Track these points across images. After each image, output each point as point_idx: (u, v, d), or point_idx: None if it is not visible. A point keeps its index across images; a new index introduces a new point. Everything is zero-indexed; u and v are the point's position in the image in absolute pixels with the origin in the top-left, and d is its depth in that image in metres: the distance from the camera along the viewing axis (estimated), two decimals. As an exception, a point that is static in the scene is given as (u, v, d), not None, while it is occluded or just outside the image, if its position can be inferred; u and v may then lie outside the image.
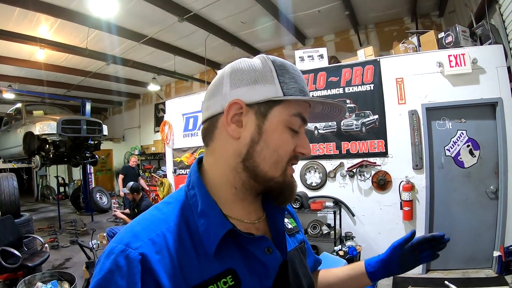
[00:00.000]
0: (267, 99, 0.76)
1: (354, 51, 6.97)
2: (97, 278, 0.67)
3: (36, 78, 10.77)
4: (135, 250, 0.68)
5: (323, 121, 0.92)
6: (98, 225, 8.98)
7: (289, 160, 0.81)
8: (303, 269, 0.93)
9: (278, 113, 0.78)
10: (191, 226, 0.76)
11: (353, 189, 5.14)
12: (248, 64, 0.80)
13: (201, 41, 8.68)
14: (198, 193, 0.80)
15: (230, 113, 0.77)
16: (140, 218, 0.79)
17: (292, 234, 1.00)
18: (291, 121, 0.79)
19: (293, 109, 0.79)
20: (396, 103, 4.86)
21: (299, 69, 0.85)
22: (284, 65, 0.81)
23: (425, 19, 8.09)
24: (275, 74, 0.78)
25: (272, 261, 0.79)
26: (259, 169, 0.78)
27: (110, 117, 17.35)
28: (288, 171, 0.82)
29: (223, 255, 0.74)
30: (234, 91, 0.78)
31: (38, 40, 7.60)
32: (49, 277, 3.99)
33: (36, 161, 8.49)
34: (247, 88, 0.77)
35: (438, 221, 4.71)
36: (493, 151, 4.47)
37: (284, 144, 0.79)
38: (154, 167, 12.85)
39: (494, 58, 4.39)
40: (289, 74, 0.80)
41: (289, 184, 0.82)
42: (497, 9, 4.30)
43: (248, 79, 0.78)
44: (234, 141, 0.79)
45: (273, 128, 0.78)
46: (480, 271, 4.46)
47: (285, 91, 0.77)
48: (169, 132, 6.94)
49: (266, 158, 0.77)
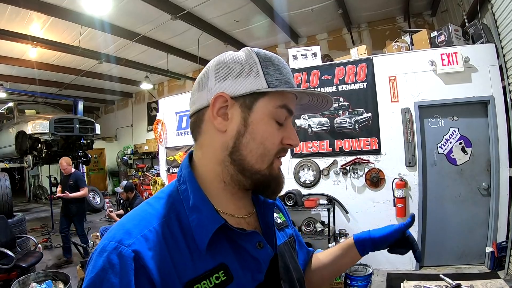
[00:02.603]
0: (252, 91, 0.77)
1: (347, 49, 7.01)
2: (90, 276, 0.67)
3: (28, 76, 10.67)
4: (128, 248, 0.67)
5: (310, 113, 0.92)
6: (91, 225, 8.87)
7: (276, 153, 0.80)
8: (293, 263, 0.94)
9: (263, 105, 0.78)
10: (183, 222, 0.75)
11: (347, 186, 5.17)
12: (233, 57, 0.81)
13: (194, 39, 8.67)
14: (190, 187, 0.79)
15: (215, 106, 0.78)
16: (131, 214, 0.79)
17: (281, 229, 1.00)
18: (277, 113, 0.79)
19: (278, 101, 0.79)
20: (389, 101, 4.90)
21: (284, 61, 0.84)
22: (269, 57, 0.81)
23: (417, 18, 8.15)
24: (259, 66, 0.78)
25: (263, 255, 0.80)
26: (245, 162, 0.78)
27: (102, 116, 17.23)
28: (275, 164, 0.81)
29: (215, 250, 0.74)
30: (219, 84, 0.79)
31: (30, 38, 7.51)
32: (43, 277, 3.95)
33: (29, 160, 8.42)
34: (232, 81, 0.78)
35: (431, 218, 4.75)
36: (485, 149, 4.53)
37: (270, 136, 0.79)
38: (147, 166, 12.80)
39: (486, 57, 4.45)
40: (274, 66, 0.80)
41: (276, 177, 0.82)
42: (489, 8, 4.34)
43: (233, 72, 0.78)
44: (221, 134, 0.79)
45: (259, 120, 0.78)
46: (473, 267, 4.51)
47: (269, 83, 0.77)
48: (162, 131, 6.91)
49: (253, 150, 0.77)
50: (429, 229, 4.75)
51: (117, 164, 15.48)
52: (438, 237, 4.72)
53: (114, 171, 15.64)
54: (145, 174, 11.49)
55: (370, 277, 3.99)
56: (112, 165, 15.66)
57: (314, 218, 5.08)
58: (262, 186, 0.82)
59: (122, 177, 14.93)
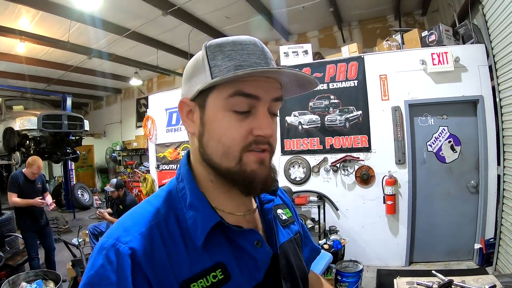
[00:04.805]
0: (198, 90, 0.75)
1: (338, 47, 7.03)
2: (89, 273, 0.67)
3: (16, 72, 10.47)
4: (125, 245, 0.68)
5: (300, 92, 0.83)
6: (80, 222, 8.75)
7: (244, 147, 0.73)
8: (297, 261, 0.92)
9: (213, 100, 0.74)
10: (181, 220, 0.75)
11: (337, 183, 5.20)
12: (194, 58, 0.81)
13: (184, 35, 8.60)
14: (187, 185, 0.79)
15: (183, 112, 0.81)
16: (131, 212, 0.79)
17: (286, 225, 0.97)
18: (230, 102, 0.73)
19: (229, 90, 0.72)
20: (379, 99, 4.93)
21: (248, 41, 0.78)
22: (220, 44, 0.76)
23: (408, 18, 8.19)
24: (206, 61, 0.75)
25: (261, 254, 0.79)
26: (213, 161, 0.76)
27: (91, 112, 17.02)
28: (246, 159, 0.74)
29: (212, 248, 0.74)
30: (183, 90, 0.82)
31: (19, 33, 7.38)
32: (34, 276, 3.90)
33: (17, 157, 8.31)
34: (188, 85, 0.80)
35: (420, 215, 4.81)
36: (474, 147, 4.60)
37: (227, 131, 0.73)
38: (136, 163, 12.71)
39: (476, 57, 4.51)
40: (224, 54, 0.74)
41: (251, 173, 0.74)
42: (480, 9, 4.38)
43: (187, 76, 0.81)
44: (193, 136, 0.81)
45: (212, 117, 0.75)
46: (462, 263, 4.58)
47: (214, 75, 0.73)
48: (152, 127, 6.87)
49: (214, 149, 0.75)
50: (419, 226, 4.81)
51: (106, 161, 15.31)
52: (427, 234, 4.78)
53: (103, 168, 15.48)
54: (134, 171, 11.41)
55: (361, 273, 4.02)
56: (101, 162, 15.47)
57: (304, 215, 5.10)
58: (237, 184, 0.76)
59: (111, 174, 14.81)
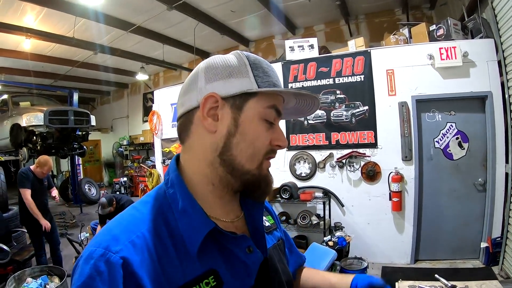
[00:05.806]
0: (242, 91, 0.77)
1: (344, 41, 6.94)
2: (77, 284, 0.64)
3: (22, 68, 10.53)
4: (115, 254, 0.65)
5: (296, 117, 0.94)
6: (87, 217, 8.88)
7: (266, 153, 0.81)
8: (282, 266, 0.94)
9: (253, 105, 0.79)
10: (172, 227, 0.74)
11: (343, 179, 5.16)
12: (223, 59, 0.82)
13: (190, 30, 8.56)
14: (178, 191, 0.78)
15: (206, 107, 0.78)
16: (117, 219, 0.77)
17: (270, 232, 1.00)
18: (266, 113, 0.80)
19: (268, 101, 0.80)
20: (386, 94, 4.87)
21: (272, 66, 0.87)
22: (258, 59, 0.83)
23: (416, 11, 8.05)
24: (249, 68, 0.79)
25: (252, 260, 0.80)
26: (236, 162, 0.78)
27: (98, 107, 17.08)
28: (264, 165, 0.82)
29: (204, 255, 0.73)
30: (209, 85, 0.79)
31: (24, 30, 7.43)
32: (39, 272, 3.95)
33: (24, 153, 8.38)
34: (222, 82, 0.78)
35: (426, 212, 4.77)
36: (482, 144, 4.53)
37: (260, 136, 0.80)
38: (142, 157, 12.78)
39: (485, 52, 4.43)
40: (263, 69, 0.81)
41: (265, 178, 0.83)
42: (489, 3, 4.28)
43: (223, 73, 0.79)
44: (211, 135, 0.79)
45: (249, 120, 0.78)
46: (468, 262, 4.54)
47: (259, 84, 0.79)
48: (157, 122, 6.87)
49: (243, 150, 0.78)
50: (425, 224, 4.77)
51: (113, 156, 15.41)
52: (433, 232, 4.75)
53: (110, 163, 15.60)
54: (140, 165, 11.46)
55: (365, 270, 4.01)
56: (108, 157, 15.60)
57: (309, 211, 5.08)
58: (252, 186, 0.83)
59: (118, 168, 14.95)
